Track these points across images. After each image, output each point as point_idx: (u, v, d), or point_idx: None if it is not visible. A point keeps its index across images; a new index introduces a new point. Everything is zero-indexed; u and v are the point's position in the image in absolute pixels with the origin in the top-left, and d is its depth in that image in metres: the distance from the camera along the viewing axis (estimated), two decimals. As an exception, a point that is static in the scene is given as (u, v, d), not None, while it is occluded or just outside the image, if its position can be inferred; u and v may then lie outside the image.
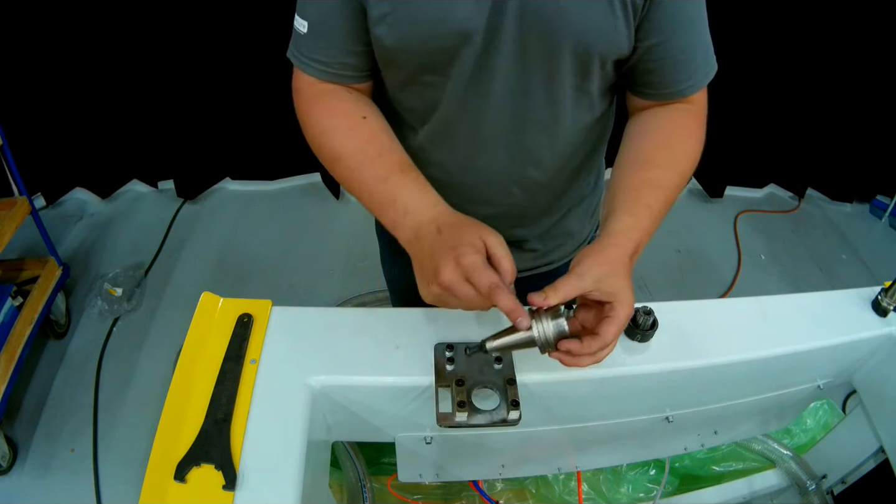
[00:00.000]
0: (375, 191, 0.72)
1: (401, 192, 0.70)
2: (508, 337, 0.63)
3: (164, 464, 0.60)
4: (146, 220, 2.55)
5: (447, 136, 0.81)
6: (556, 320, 0.61)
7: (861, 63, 2.42)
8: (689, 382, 0.79)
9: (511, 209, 0.89)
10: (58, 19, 2.08)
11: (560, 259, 1.03)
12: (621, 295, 0.62)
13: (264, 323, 0.76)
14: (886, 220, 2.82)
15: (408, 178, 0.71)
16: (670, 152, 0.76)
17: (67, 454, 1.69)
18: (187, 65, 2.25)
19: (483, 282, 0.60)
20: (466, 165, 0.84)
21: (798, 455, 1.14)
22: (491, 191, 0.86)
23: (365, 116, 0.77)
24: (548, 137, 0.81)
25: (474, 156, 0.83)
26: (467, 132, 0.80)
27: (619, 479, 1.17)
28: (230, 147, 2.54)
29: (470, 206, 0.84)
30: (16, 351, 1.68)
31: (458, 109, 0.78)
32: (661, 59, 0.74)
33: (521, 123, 0.79)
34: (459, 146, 0.82)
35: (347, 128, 0.76)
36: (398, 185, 0.71)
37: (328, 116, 0.77)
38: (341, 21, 0.74)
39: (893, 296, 0.83)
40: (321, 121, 0.77)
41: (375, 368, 0.72)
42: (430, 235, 0.66)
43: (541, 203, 0.91)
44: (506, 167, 0.83)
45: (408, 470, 0.85)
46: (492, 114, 0.78)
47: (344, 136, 0.75)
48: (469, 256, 0.61)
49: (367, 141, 0.75)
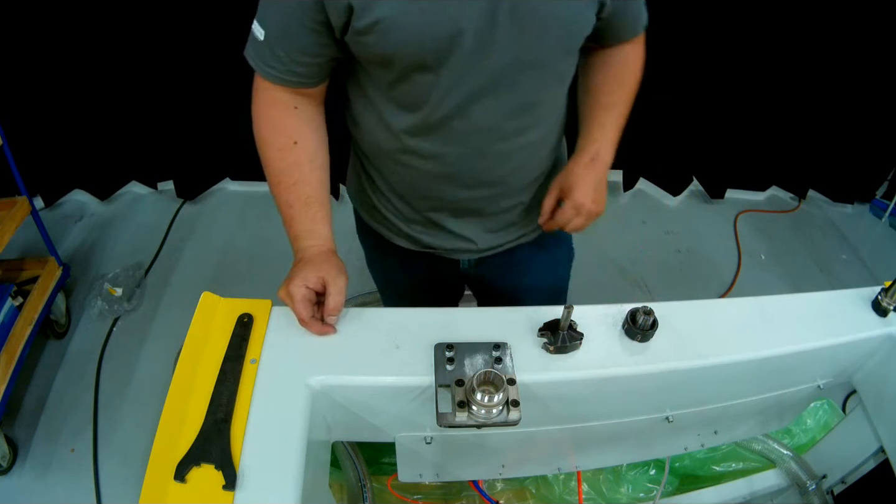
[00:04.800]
0: (281, 210, 0.86)
1: (297, 221, 0.85)
2: None
3: (164, 464, 0.60)
4: (146, 220, 2.55)
5: (438, 129, 0.82)
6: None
7: (861, 64, 2.42)
8: (689, 382, 0.79)
9: (504, 188, 0.93)
10: (58, 19, 2.08)
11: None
12: (574, 186, 0.89)
13: (264, 323, 0.76)
14: (886, 220, 2.82)
15: (308, 212, 0.85)
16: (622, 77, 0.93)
17: (67, 454, 1.69)
18: (187, 65, 2.25)
19: (295, 309, 0.76)
20: (459, 156, 0.85)
21: (798, 455, 1.14)
22: (485, 175, 0.89)
23: (296, 142, 0.85)
24: (535, 119, 0.86)
25: (466, 146, 0.84)
26: (459, 124, 0.81)
27: (618, 479, 1.17)
28: (230, 147, 2.54)
29: (465, 191, 0.91)
30: (16, 351, 1.68)
31: (451, 104, 0.79)
32: (618, 20, 0.85)
33: (512, 112, 0.82)
34: (451, 138, 0.83)
35: (278, 148, 0.85)
36: (297, 214, 0.85)
37: (268, 130, 0.86)
38: (298, 36, 0.76)
39: (893, 296, 0.83)
40: (261, 131, 0.86)
41: (375, 368, 0.72)
42: (297, 259, 0.83)
43: (529, 177, 0.95)
44: (497, 154, 0.86)
45: (408, 470, 0.85)
46: (484, 105, 0.79)
47: (274, 154, 0.86)
48: (299, 289, 0.76)
49: (290, 166, 0.85)
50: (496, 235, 1.00)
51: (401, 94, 0.80)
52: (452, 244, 1.00)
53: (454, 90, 0.77)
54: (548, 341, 0.76)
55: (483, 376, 0.68)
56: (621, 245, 2.53)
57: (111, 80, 2.25)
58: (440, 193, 0.91)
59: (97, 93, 2.27)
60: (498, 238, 1.01)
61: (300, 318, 0.76)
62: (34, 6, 2.04)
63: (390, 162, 0.91)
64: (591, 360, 0.75)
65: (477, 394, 0.66)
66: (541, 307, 0.81)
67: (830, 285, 2.44)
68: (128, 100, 2.31)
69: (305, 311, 0.76)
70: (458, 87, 0.77)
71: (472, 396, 0.66)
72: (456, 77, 0.76)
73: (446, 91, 0.77)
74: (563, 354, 0.75)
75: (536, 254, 1.07)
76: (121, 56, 2.20)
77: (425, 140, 0.84)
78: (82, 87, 2.24)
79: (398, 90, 0.80)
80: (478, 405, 0.66)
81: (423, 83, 0.77)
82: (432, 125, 0.82)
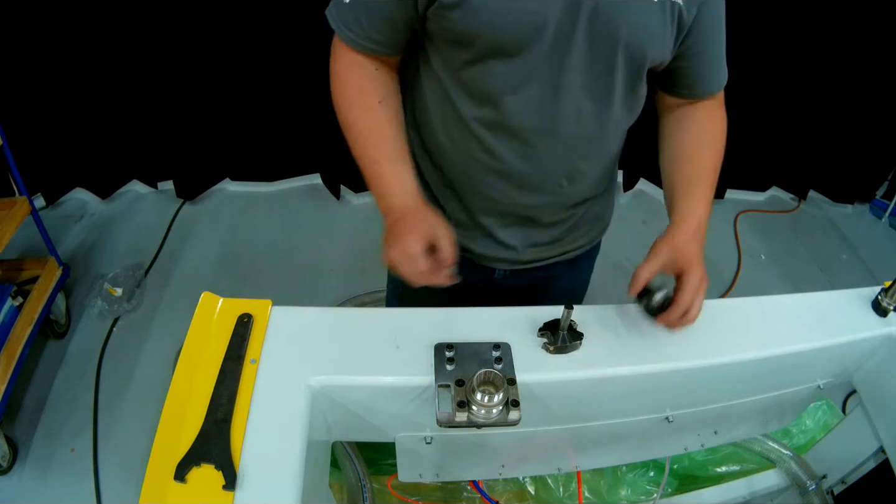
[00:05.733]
0: (367, 168, 0.85)
1: (387, 177, 0.83)
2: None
3: (164, 464, 0.60)
4: (146, 220, 2.55)
5: (506, 124, 0.82)
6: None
7: (861, 64, 2.42)
8: (689, 382, 0.79)
9: (554, 199, 0.92)
10: (58, 19, 2.08)
11: (588, 243, 1.06)
12: (689, 266, 0.79)
13: (264, 323, 0.76)
14: (886, 220, 2.82)
15: (396, 167, 0.84)
16: (711, 142, 0.90)
17: (67, 454, 1.69)
18: (187, 65, 2.25)
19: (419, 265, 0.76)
20: (523, 154, 0.85)
21: (798, 455, 1.14)
22: (542, 181, 0.88)
23: (380, 101, 0.85)
24: (600, 133, 0.86)
25: (533, 145, 0.84)
26: (528, 123, 0.81)
27: (618, 481, 1.17)
28: (230, 147, 2.54)
29: (518, 194, 0.90)
30: (16, 351, 1.68)
31: (522, 98, 0.79)
32: (698, 64, 0.85)
33: (580, 118, 0.82)
34: (517, 136, 0.83)
35: (364, 107, 0.85)
36: (386, 171, 0.83)
37: (351, 89, 0.85)
38: (384, 3, 0.77)
39: (893, 296, 0.83)
40: (344, 91, 0.86)
41: (375, 368, 0.72)
42: (396, 215, 0.81)
43: (580, 193, 0.94)
44: (561, 158, 0.86)
45: (408, 470, 0.85)
46: (556, 106, 0.79)
47: (358, 114, 0.85)
48: (414, 245, 0.76)
49: (376, 124, 0.84)
50: (539, 249, 0.99)
51: (472, 80, 0.80)
52: (494, 252, 0.98)
53: (527, 85, 0.77)
54: (548, 341, 0.76)
55: (483, 376, 0.68)
56: (621, 245, 2.53)
57: (112, 78, 2.25)
58: (496, 194, 0.90)
59: (99, 91, 2.27)
60: (541, 252, 1.00)
61: (422, 273, 0.76)
62: (34, 6, 2.04)
63: (452, 152, 0.89)
64: (591, 360, 0.75)
65: (477, 394, 0.66)
66: (541, 307, 0.81)
67: (830, 285, 2.44)
68: (129, 99, 2.32)
69: (427, 265, 0.76)
70: (530, 81, 0.77)
71: (472, 396, 0.66)
72: (530, 70, 0.76)
73: (519, 84, 0.77)
74: (563, 354, 0.75)
75: (569, 270, 1.07)
76: (122, 55, 2.20)
77: (491, 133, 0.84)
78: (84, 86, 2.25)
79: (470, 74, 0.80)
80: (478, 405, 0.66)
81: (497, 71, 0.77)
82: (500, 118, 0.81)
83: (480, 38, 0.74)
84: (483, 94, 0.80)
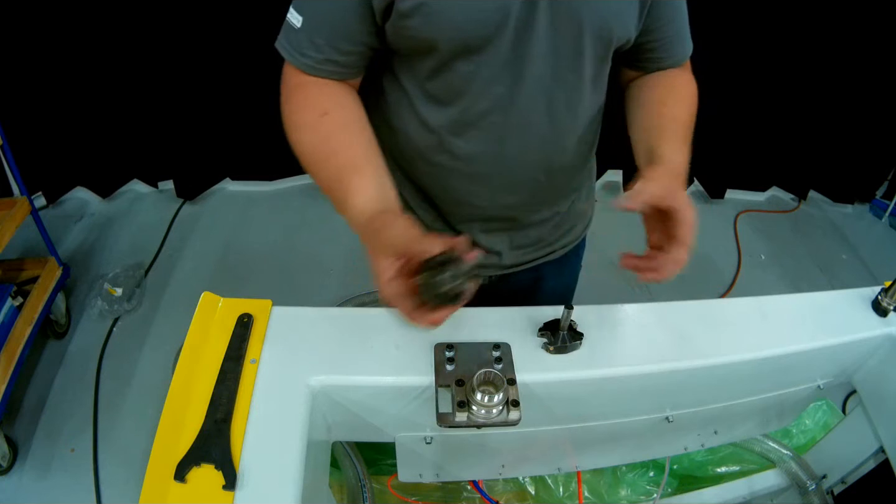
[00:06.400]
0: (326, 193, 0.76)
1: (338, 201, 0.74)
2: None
3: (164, 464, 0.60)
4: (146, 220, 2.55)
5: (477, 125, 0.81)
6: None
7: (861, 64, 2.42)
8: (689, 382, 0.79)
9: (534, 196, 0.90)
10: (58, 19, 2.08)
11: (572, 242, 1.05)
12: (686, 202, 0.70)
13: (264, 323, 0.76)
14: (886, 220, 2.82)
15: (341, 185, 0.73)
16: (680, 96, 0.86)
17: (67, 454, 1.69)
18: (187, 65, 2.25)
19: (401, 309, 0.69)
20: (496, 154, 0.83)
21: (798, 455, 1.14)
22: (518, 178, 0.87)
23: (326, 112, 0.77)
24: (572, 122, 0.84)
25: (505, 144, 0.82)
26: (499, 119, 0.80)
27: (618, 481, 1.17)
28: (230, 147, 2.54)
29: (496, 194, 0.87)
30: (16, 351, 1.68)
31: (490, 96, 0.78)
32: (665, 36, 0.84)
33: (550, 109, 0.80)
34: (489, 135, 0.81)
35: (305, 125, 0.78)
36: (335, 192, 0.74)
37: (296, 111, 0.79)
38: (341, 21, 0.74)
39: (893, 296, 0.83)
40: (290, 115, 0.79)
41: (375, 368, 0.72)
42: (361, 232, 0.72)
43: (560, 187, 0.93)
44: (535, 154, 0.84)
45: (408, 470, 0.85)
46: (524, 99, 0.78)
47: (301, 135, 0.78)
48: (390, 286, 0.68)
49: (322, 139, 0.76)
50: (523, 252, 0.99)
51: (439, 86, 0.79)
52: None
53: (494, 82, 0.76)
54: (548, 341, 0.76)
55: (483, 376, 0.68)
56: (621, 245, 2.53)
57: (113, 77, 2.26)
58: (474, 199, 0.88)
59: (99, 91, 2.27)
60: (524, 255, 0.99)
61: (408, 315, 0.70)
62: (34, 6, 2.04)
63: (424, 163, 0.87)
64: (591, 360, 0.75)
65: (477, 394, 0.66)
66: (541, 307, 0.81)
67: (830, 285, 2.44)
68: (129, 98, 2.32)
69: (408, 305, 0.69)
70: (497, 78, 0.76)
71: (472, 396, 0.66)
72: (496, 67, 0.75)
73: (486, 82, 0.76)
74: (563, 354, 0.75)
75: (556, 270, 1.06)
76: (122, 55, 2.20)
77: (462, 137, 0.82)
78: (84, 85, 2.25)
79: (437, 81, 0.78)
80: (478, 405, 0.66)
81: (463, 73, 0.76)
82: (470, 120, 0.80)
83: (443, 41, 0.73)
84: (451, 97, 0.79)
